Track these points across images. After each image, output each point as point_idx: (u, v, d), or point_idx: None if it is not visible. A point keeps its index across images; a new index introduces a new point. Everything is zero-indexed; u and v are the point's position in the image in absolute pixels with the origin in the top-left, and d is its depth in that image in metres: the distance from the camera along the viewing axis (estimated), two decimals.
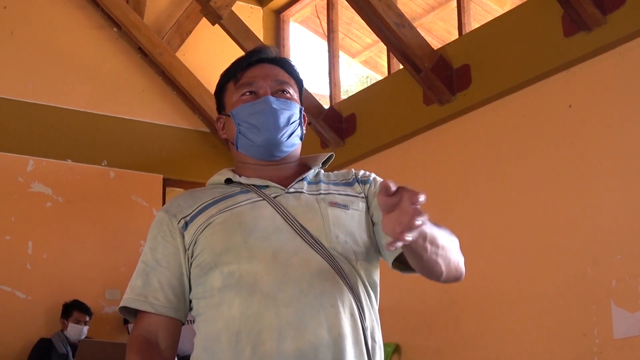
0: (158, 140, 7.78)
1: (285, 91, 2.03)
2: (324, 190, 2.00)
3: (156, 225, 1.98)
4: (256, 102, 2.00)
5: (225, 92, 2.08)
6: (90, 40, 7.63)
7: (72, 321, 6.57)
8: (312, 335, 1.79)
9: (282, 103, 2.00)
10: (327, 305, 1.81)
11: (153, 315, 1.90)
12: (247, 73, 2.04)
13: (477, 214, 6.00)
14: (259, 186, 1.97)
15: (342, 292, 1.84)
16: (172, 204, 1.99)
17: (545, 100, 5.64)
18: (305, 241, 1.86)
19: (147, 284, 1.91)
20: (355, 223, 1.95)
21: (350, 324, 1.83)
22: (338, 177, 2.08)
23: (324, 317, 1.80)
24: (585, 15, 5.21)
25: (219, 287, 1.85)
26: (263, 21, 8.56)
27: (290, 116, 2.01)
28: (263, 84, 2.02)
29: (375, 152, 6.87)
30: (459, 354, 5.95)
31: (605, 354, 5.02)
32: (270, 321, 1.79)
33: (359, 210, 1.98)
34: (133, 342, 1.88)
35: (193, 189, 2.08)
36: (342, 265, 1.87)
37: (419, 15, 8.11)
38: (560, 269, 5.36)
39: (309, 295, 1.81)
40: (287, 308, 1.79)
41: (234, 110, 2.01)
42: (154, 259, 1.93)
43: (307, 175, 2.02)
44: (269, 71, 2.05)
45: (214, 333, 1.84)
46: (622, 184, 5.12)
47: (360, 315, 1.86)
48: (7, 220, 6.96)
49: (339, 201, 1.97)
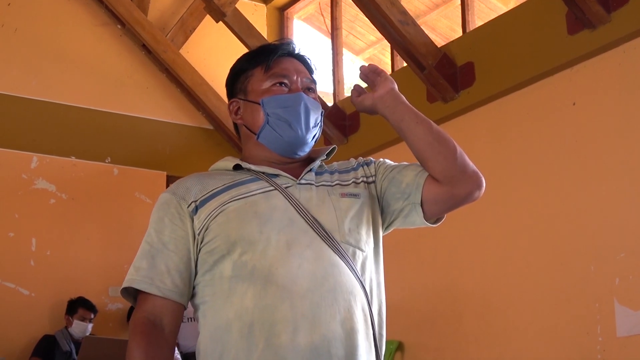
0: (162, 138, 7.79)
1: (312, 90, 2.03)
2: (332, 180, 2.00)
3: (162, 206, 1.93)
4: (291, 96, 1.98)
5: (250, 77, 2.04)
6: (94, 37, 7.64)
7: (77, 318, 6.58)
8: (326, 328, 1.78)
9: (313, 103, 2.00)
10: (340, 299, 1.81)
11: (158, 299, 1.86)
12: (279, 63, 2.01)
13: (479, 211, 5.99)
14: (269, 174, 1.95)
15: (353, 286, 1.84)
16: (179, 187, 1.95)
17: (549, 98, 5.63)
18: (318, 234, 1.86)
19: (153, 267, 1.88)
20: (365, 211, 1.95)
21: (362, 318, 1.84)
22: (341, 166, 2.07)
23: (337, 311, 1.80)
24: (590, 13, 5.20)
25: (230, 276, 1.83)
26: (267, 18, 8.56)
27: (317, 118, 2.01)
28: (296, 78, 2.01)
29: (378, 150, 6.85)
30: (462, 352, 5.95)
31: (609, 352, 5.01)
32: (285, 314, 1.78)
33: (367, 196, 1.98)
34: (137, 324, 1.84)
35: (198, 173, 2.03)
36: (353, 259, 1.88)
37: (422, 13, 8.10)
38: (563, 266, 5.35)
39: (322, 288, 1.81)
40: (302, 301, 1.79)
41: (265, 99, 1.98)
42: (161, 242, 1.90)
43: (313, 166, 2.01)
44: (299, 67, 2.03)
45: (223, 323, 1.82)
46: (626, 181, 5.11)
47: (370, 309, 1.87)
48: (11, 217, 6.97)
49: (348, 192, 1.97)
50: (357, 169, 2.05)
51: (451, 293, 6.01)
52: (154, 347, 1.81)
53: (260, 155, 2.01)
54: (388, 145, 6.81)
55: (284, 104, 1.96)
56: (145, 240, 1.92)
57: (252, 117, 2.01)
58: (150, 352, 1.80)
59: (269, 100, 1.97)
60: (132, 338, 1.83)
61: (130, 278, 1.90)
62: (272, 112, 1.96)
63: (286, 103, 1.96)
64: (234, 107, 2.06)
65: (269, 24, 8.54)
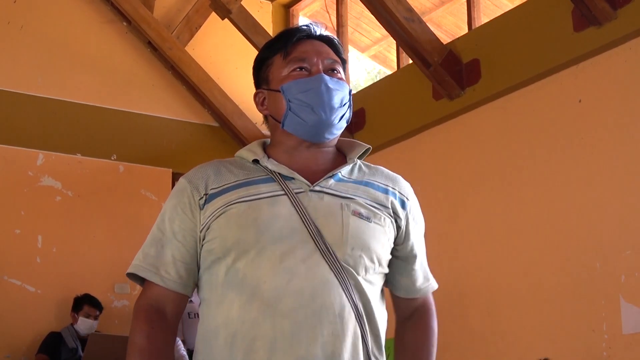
0: (167, 135, 7.79)
1: (336, 70, 1.95)
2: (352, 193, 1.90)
3: (178, 193, 1.91)
4: (310, 79, 1.90)
5: (270, 65, 1.97)
6: (99, 34, 7.64)
7: (82, 315, 6.58)
8: (305, 350, 1.75)
9: (335, 83, 1.91)
10: (325, 322, 1.76)
11: (162, 288, 1.87)
12: (297, 47, 1.94)
13: (486, 209, 6.00)
14: (284, 176, 1.89)
15: (342, 308, 1.78)
16: (197, 175, 1.92)
17: (555, 95, 5.63)
18: (318, 247, 1.80)
19: (160, 256, 1.87)
20: (375, 238, 1.87)
21: (350, 342, 1.78)
22: (376, 177, 1.98)
23: (320, 333, 1.76)
24: (596, 10, 5.19)
25: (222, 282, 1.82)
26: (272, 15, 8.56)
27: (342, 97, 1.92)
28: (316, 60, 1.93)
29: (384, 147, 6.86)
30: (468, 349, 5.95)
31: (614, 349, 5.01)
32: (266, 331, 1.75)
33: (382, 225, 1.89)
34: (141, 310, 1.86)
35: (218, 160, 1.99)
36: (349, 280, 1.81)
37: (428, 10, 8.09)
38: (569, 264, 5.35)
39: (308, 308, 1.76)
40: (284, 320, 1.75)
41: (285, 85, 1.91)
42: (171, 231, 1.88)
43: (340, 170, 1.93)
44: (320, 48, 1.95)
45: (213, 328, 1.83)
46: (632, 178, 5.11)
47: (363, 333, 1.81)
48: (17, 214, 6.98)
49: (362, 212, 1.87)
50: (387, 193, 1.95)
51: (457, 290, 6.01)
52: (157, 331, 1.84)
53: (284, 145, 1.94)
54: (394, 142, 6.81)
55: (304, 87, 1.89)
56: (158, 226, 1.92)
57: (275, 106, 1.94)
58: (152, 335, 1.83)
59: (289, 85, 1.90)
60: (135, 322, 1.86)
61: (137, 264, 1.90)
62: (294, 98, 1.89)
63: (306, 87, 1.89)
64: (260, 98, 2.00)
65: (275, 21, 8.54)
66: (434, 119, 6.47)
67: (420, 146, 6.64)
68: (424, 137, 6.61)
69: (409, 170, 6.55)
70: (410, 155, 6.70)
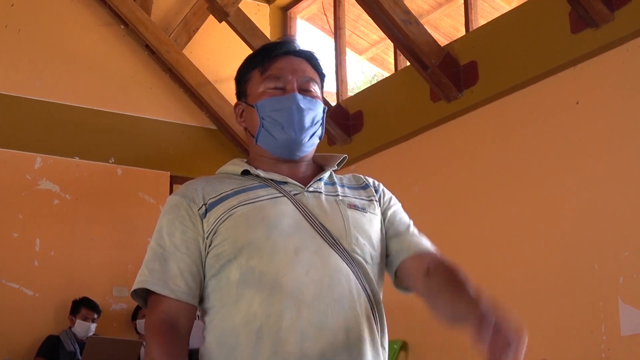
0: (165, 138, 7.80)
1: (311, 90, 1.99)
2: (341, 192, 1.99)
3: (173, 209, 1.92)
4: (283, 98, 1.95)
5: (249, 80, 2.01)
6: (97, 37, 7.65)
7: (79, 318, 6.59)
8: (332, 337, 1.79)
9: (308, 102, 1.97)
10: (347, 307, 1.82)
11: (172, 301, 1.85)
12: (274, 64, 1.98)
13: (484, 211, 6.00)
14: (277, 182, 1.94)
15: (359, 295, 1.84)
16: (189, 189, 1.94)
17: (552, 96, 5.63)
18: (326, 241, 1.85)
19: (166, 270, 1.86)
20: (372, 227, 1.95)
21: (367, 327, 1.84)
22: (351, 181, 2.07)
23: (343, 319, 1.81)
24: (593, 11, 5.20)
25: (237, 281, 1.82)
26: (270, 18, 8.56)
27: (314, 116, 1.98)
28: (291, 78, 1.97)
29: (382, 149, 6.86)
30: (467, 351, 5.93)
31: (613, 350, 5.01)
32: (292, 322, 1.78)
33: (375, 214, 1.99)
34: (155, 325, 1.83)
35: (206, 176, 2.03)
36: (359, 268, 1.87)
37: (425, 12, 8.10)
38: (567, 265, 5.35)
39: (329, 296, 1.81)
40: (309, 309, 1.79)
41: (259, 103, 1.96)
42: (172, 244, 1.88)
43: (324, 176, 2.00)
44: (297, 65, 1.99)
45: (230, 328, 1.82)
46: (629, 180, 5.11)
47: (374, 317, 1.87)
48: (15, 218, 6.98)
49: (357, 204, 1.96)
50: (366, 188, 2.05)
51: None
52: (175, 347, 1.81)
53: (263, 158, 2.00)
54: (392, 144, 6.81)
55: (277, 106, 1.94)
56: (157, 243, 1.91)
57: (251, 120, 2.00)
58: (170, 351, 1.79)
59: (262, 103, 1.95)
60: (152, 338, 1.81)
61: (143, 279, 1.88)
62: (266, 116, 1.95)
63: (278, 106, 1.94)
64: (239, 110, 2.04)
65: (272, 23, 8.55)
66: (431, 121, 6.47)
67: (418, 148, 6.64)
68: (422, 139, 6.61)
69: (407, 172, 6.56)
70: (408, 158, 6.70)
